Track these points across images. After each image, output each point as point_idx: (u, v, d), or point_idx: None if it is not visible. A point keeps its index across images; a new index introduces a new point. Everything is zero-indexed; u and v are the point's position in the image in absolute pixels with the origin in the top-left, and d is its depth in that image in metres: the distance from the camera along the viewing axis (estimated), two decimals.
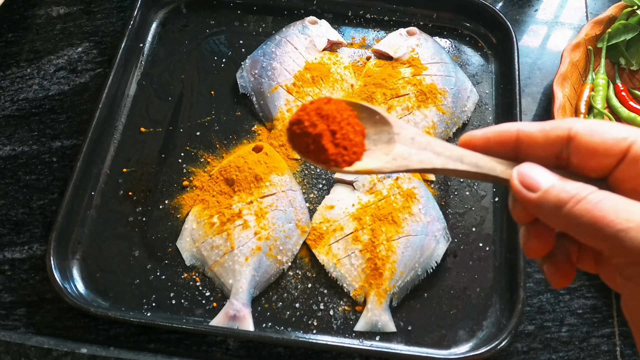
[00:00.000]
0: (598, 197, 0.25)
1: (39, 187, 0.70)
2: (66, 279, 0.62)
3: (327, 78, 0.75)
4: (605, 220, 0.25)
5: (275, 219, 0.64)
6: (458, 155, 0.31)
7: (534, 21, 0.86)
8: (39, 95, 0.77)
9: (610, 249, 0.26)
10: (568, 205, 0.26)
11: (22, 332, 0.61)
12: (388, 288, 0.61)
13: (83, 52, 0.81)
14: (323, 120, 0.32)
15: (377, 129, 0.33)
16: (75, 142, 0.73)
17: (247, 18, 0.84)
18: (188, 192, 0.69)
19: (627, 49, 0.77)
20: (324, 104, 0.33)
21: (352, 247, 0.63)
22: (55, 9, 0.85)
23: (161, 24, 0.84)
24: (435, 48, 0.78)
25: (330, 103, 0.33)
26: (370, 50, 0.80)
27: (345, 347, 0.58)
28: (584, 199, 0.26)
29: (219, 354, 0.60)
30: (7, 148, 0.73)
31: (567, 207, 0.26)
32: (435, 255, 0.63)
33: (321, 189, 0.70)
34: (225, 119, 0.75)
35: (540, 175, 0.28)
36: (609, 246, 0.25)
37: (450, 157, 0.31)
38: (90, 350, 0.59)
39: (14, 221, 0.68)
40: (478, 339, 0.60)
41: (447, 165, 0.31)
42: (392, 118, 0.34)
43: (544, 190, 0.27)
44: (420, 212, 0.65)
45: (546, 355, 0.60)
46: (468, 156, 0.31)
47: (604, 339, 0.61)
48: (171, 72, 0.79)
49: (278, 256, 0.63)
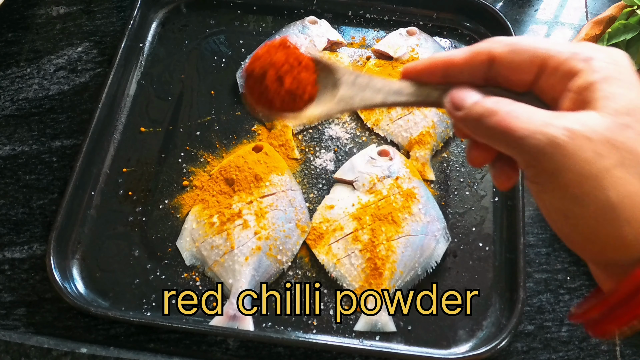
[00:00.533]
0: (507, 109, 0.28)
1: (38, 186, 0.70)
2: (66, 278, 0.62)
3: None
4: (512, 129, 0.28)
5: (275, 218, 0.64)
6: (397, 89, 0.33)
7: (534, 21, 0.86)
8: (39, 95, 0.77)
9: (516, 155, 0.29)
10: (485, 118, 0.29)
11: (22, 332, 0.61)
12: (388, 288, 0.61)
13: (83, 52, 0.81)
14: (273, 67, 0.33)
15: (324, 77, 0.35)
16: (75, 141, 0.73)
17: (247, 18, 0.84)
18: (188, 192, 0.69)
19: (627, 48, 0.77)
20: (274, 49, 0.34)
21: (352, 247, 0.63)
22: (55, 9, 0.85)
23: (161, 24, 0.84)
24: (435, 48, 0.78)
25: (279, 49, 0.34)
26: (370, 50, 0.80)
27: (345, 347, 0.58)
28: (497, 111, 0.29)
29: (219, 354, 0.60)
30: (7, 148, 0.73)
31: (484, 120, 0.29)
32: (435, 255, 0.63)
33: (321, 188, 0.70)
34: (225, 118, 0.75)
35: (466, 95, 0.31)
36: (515, 152, 0.28)
37: (389, 92, 0.34)
38: (90, 350, 0.59)
39: (13, 221, 0.68)
40: (478, 338, 0.60)
41: (387, 100, 0.34)
42: (335, 64, 0.35)
43: (468, 107, 0.30)
44: (420, 212, 0.65)
45: (546, 355, 0.60)
46: (406, 88, 0.33)
47: (604, 338, 0.61)
48: (171, 71, 0.79)
49: (278, 256, 0.63)
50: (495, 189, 0.69)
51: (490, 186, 0.69)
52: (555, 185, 0.27)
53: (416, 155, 0.71)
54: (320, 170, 0.71)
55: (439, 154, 0.72)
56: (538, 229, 0.67)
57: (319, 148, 0.73)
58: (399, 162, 0.68)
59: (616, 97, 0.27)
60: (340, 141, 0.73)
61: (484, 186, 0.69)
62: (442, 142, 0.73)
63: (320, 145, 0.73)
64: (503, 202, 0.68)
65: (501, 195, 0.68)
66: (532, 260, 0.65)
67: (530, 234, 0.66)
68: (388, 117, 0.73)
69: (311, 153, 0.72)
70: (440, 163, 0.72)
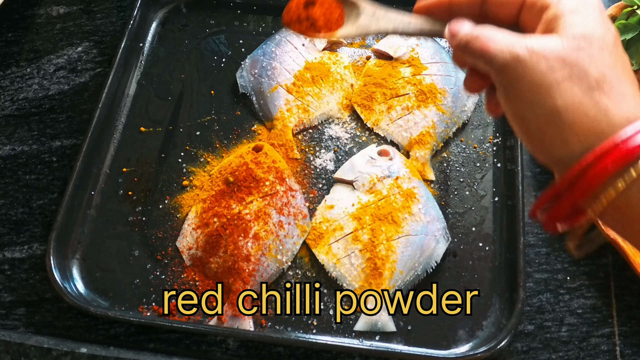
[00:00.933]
0: (487, 34, 0.34)
1: (38, 186, 0.70)
2: (66, 278, 0.62)
3: (327, 78, 0.75)
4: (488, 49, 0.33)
5: (275, 218, 0.64)
6: (407, 21, 0.41)
7: None
8: (39, 94, 0.77)
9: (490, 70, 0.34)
10: (471, 42, 0.35)
11: (22, 332, 0.61)
12: (388, 288, 0.61)
13: (83, 52, 0.81)
14: None
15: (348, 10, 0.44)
16: (75, 141, 0.73)
17: (247, 18, 0.84)
18: (188, 192, 0.69)
19: (626, 48, 0.77)
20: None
21: (352, 246, 0.63)
22: (55, 9, 0.85)
23: (161, 24, 0.84)
24: (435, 48, 0.78)
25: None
26: (370, 49, 0.80)
27: (345, 347, 0.58)
28: (479, 36, 0.34)
29: (219, 354, 0.60)
30: (7, 147, 0.73)
31: (470, 44, 0.35)
32: (435, 255, 0.63)
33: (321, 188, 0.70)
34: (225, 118, 0.75)
35: (460, 25, 0.36)
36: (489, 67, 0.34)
37: (401, 23, 0.41)
38: (90, 350, 0.59)
39: (13, 221, 0.68)
40: (478, 338, 0.60)
41: (397, 29, 0.41)
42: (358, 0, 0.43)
43: (461, 35, 0.36)
44: (420, 211, 0.65)
45: (546, 355, 0.60)
46: (414, 21, 0.41)
47: (604, 338, 0.61)
48: (171, 71, 0.79)
49: (278, 256, 0.63)
50: (495, 188, 0.69)
51: (490, 186, 0.69)
52: (516, 93, 0.32)
53: (416, 155, 0.71)
54: (320, 170, 0.71)
55: (439, 154, 0.72)
56: (538, 229, 0.67)
57: (319, 148, 0.73)
58: (398, 162, 0.68)
59: (576, 25, 0.32)
60: (340, 141, 0.73)
61: (484, 186, 0.69)
62: (442, 142, 0.73)
63: (320, 145, 0.73)
64: (503, 202, 0.68)
65: (501, 195, 0.68)
66: (532, 260, 0.65)
67: (530, 234, 0.66)
68: (388, 117, 0.73)
69: (311, 153, 0.72)
70: (440, 163, 0.72)
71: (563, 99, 0.30)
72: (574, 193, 0.30)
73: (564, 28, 0.32)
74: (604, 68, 0.31)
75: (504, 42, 0.33)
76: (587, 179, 0.30)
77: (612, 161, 0.29)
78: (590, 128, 0.30)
